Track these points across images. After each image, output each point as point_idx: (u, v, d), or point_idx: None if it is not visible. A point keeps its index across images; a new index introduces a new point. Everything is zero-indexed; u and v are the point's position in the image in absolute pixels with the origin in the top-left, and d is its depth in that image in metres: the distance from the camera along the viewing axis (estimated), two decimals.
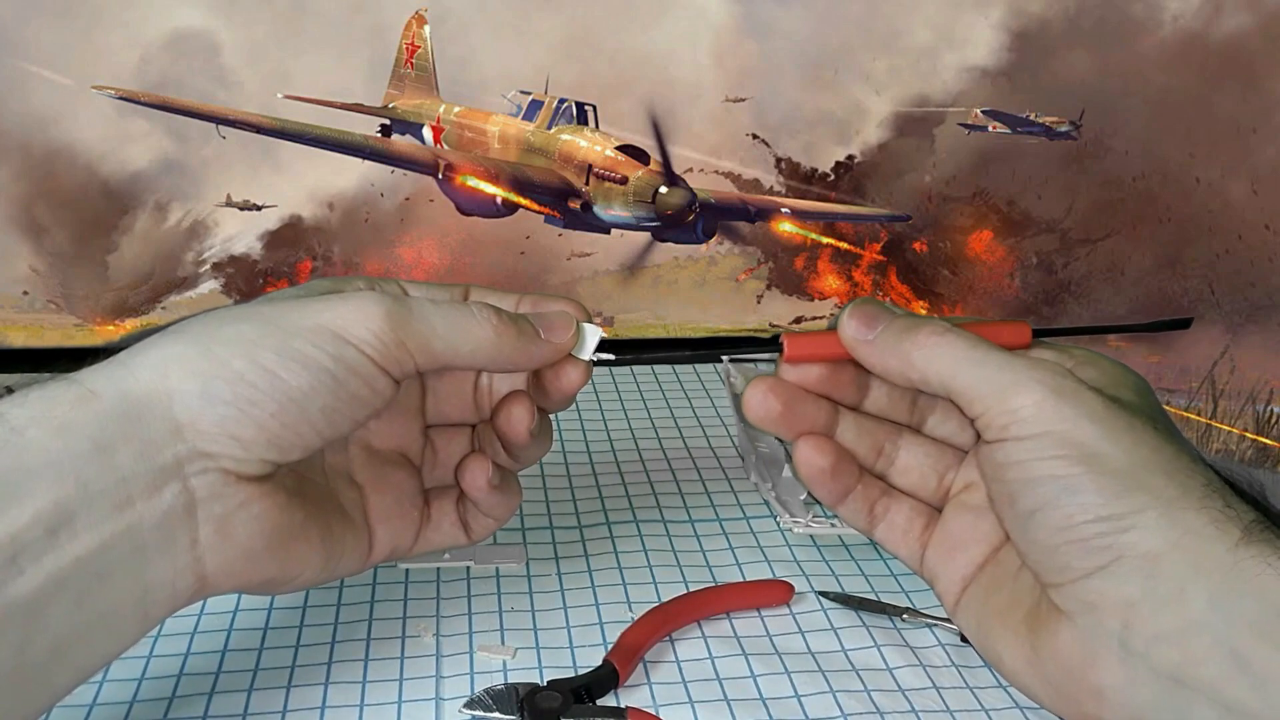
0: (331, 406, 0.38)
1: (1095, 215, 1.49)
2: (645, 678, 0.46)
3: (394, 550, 0.45)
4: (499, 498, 0.46)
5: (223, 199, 1.40)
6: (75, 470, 0.34)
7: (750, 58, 1.42)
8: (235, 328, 0.38)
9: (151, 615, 0.37)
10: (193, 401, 0.36)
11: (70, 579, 0.34)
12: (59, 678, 0.35)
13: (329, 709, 0.44)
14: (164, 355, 0.37)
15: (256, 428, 0.37)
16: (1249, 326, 1.51)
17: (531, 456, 0.47)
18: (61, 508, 0.34)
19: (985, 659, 0.40)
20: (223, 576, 0.38)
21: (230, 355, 0.37)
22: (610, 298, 1.47)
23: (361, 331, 0.38)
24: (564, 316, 0.43)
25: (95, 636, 0.35)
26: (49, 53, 1.32)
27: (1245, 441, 1.53)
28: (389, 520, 0.44)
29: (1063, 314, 1.52)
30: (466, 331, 0.40)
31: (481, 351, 0.41)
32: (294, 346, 0.37)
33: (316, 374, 0.38)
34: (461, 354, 0.41)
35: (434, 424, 0.47)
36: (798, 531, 0.58)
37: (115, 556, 0.35)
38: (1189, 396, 1.53)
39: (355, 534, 0.43)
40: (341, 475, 0.43)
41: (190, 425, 0.36)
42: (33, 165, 1.36)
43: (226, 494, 0.37)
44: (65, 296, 1.41)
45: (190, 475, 0.36)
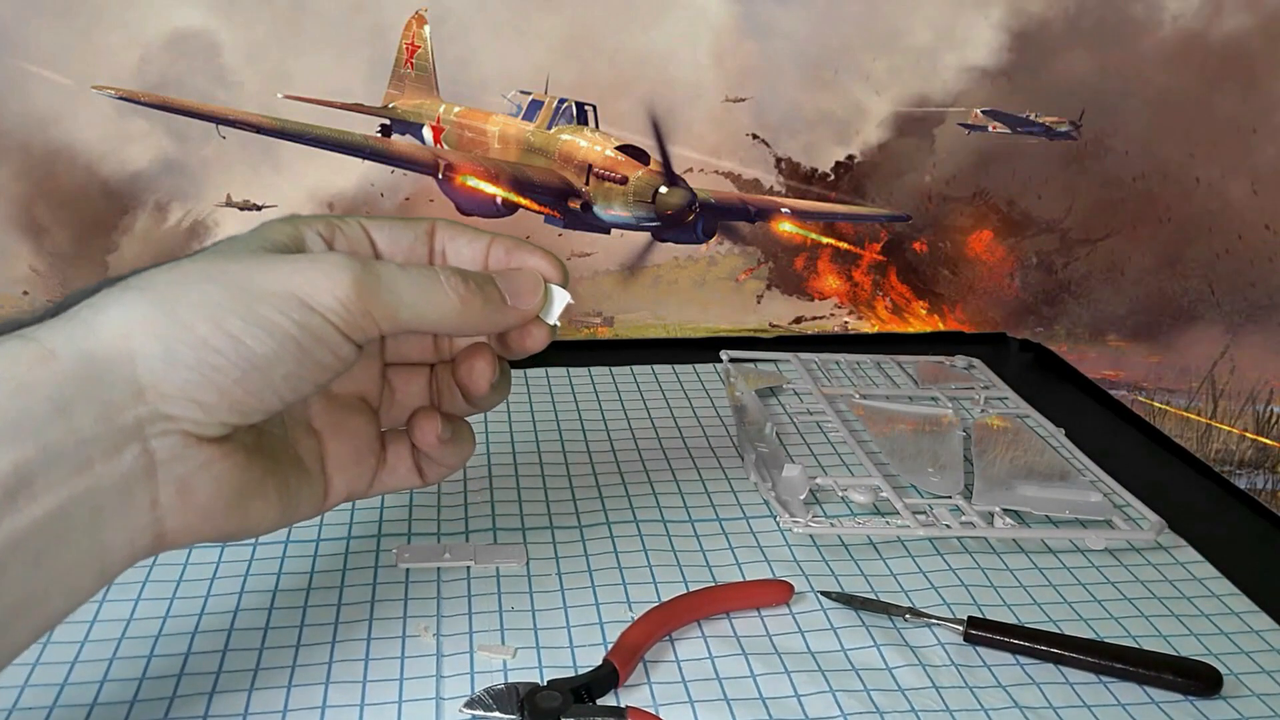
0: (294, 373, 0.38)
1: (1095, 215, 1.49)
2: (645, 677, 0.46)
3: (349, 495, 0.45)
4: (451, 449, 0.46)
5: (223, 199, 1.40)
6: (34, 432, 0.34)
7: (750, 58, 1.42)
8: (200, 289, 0.37)
9: (109, 573, 0.37)
10: (156, 364, 0.36)
11: (28, 541, 0.34)
12: (18, 635, 0.35)
13: (329, 709, 0.44)
14: (126, 315, 0.36)
15: (219, 393, 0.37)
16: (1249, 326, 1.51)
17: (490, 403, 0.47)
18: (20, 470, 0.33)
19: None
20: (181, 534, 0.38)
21: (195, 319, 0.36)
22: (610, 298, 1.46)
23: (328, 299, 0.38)
24: (532, 280, 0.44)
25: (52, 595, 0.35)
26: (49, 53, 1.32)
27: (1245, 441, 1.52)
28: (345, 468, 0.44)
29: (1063, 314, 1.52)
30: (433, 300, 0.40)
31: (447, 320, 0.41)
32: (260, 313, 0.37)
33: (281, 341, 0.37)
34: (427, 321, 0.41)
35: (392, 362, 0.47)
36: (798, 531, 0.58)
37: (74, 518, 0.35)
38: (1189, 396, 1.52)
39: (311, 484, 0.43)
40: (300, 423, 0.44)
41: (152, 387, 0.36)
42: (33, 165, 1.35)
43: (187, 455, 0.37)
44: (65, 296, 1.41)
45: (151, 437, 0.36)
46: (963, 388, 0.79)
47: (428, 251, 0.45)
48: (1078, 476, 0.66)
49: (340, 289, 0.38)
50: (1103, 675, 0.49)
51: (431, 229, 0.45)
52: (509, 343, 0.45)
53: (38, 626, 0.36)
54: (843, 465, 0.67)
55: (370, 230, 0.44)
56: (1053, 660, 0.49)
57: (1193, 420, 1.53)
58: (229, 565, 0.54)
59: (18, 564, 0.34)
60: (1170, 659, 0.50)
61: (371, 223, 0.44)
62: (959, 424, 0.71)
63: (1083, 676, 0.48)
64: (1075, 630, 0.52)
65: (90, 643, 0.48)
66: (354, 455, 0.45)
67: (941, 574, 0.56)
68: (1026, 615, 0.53)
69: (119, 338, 0.36)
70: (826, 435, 0.71)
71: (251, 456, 0.39)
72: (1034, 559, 0.58)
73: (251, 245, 0.40)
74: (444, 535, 0.57)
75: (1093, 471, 0.67)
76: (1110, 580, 0.56)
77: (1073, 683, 0.48)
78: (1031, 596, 0.54)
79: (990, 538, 0.59)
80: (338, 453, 0.44)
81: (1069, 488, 0.64)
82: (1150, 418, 1.41)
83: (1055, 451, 0.69)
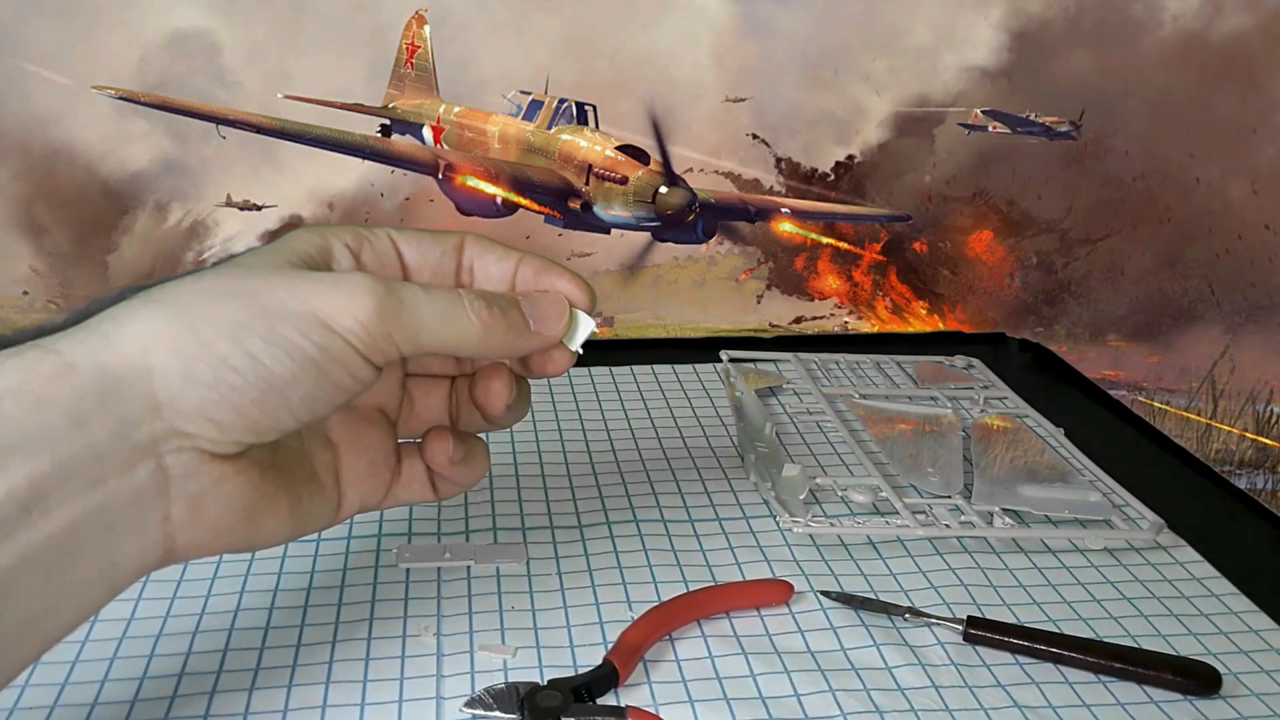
0: (312, 394, 0.38)
1: (1095, 215, 1.49)
2: (645, 677, 0.46)
3: (362, 508, 0.45)
4: (463, 469, 0.45)
5: (223, 199, 1.40)
6: (51, 446, 0.34)
7: (750, 58, 1.42)
8: (222, 307, 0.37)
9: (117, 587, 0.37)
10: (174, 381, 0.36)
11: (40, 555, 0.34)
12: (27, 649, 0.35)
13: (329, 708, 0.44)
14: (146, 330, 0.36)
15: (235, 412, 0.36)
16: (1249, 326, 1.51)
17: (507, 422, 0.46)
18: (35, 484, 0.33)
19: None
20: (190, 549, 0.38)
21: (215, 337, 0.36)
22: (610, 298, 1.46)
23: (349, 322, 0.38)
24: (558, 305, 0.43)
25: (63, 609, 0.35)
26: (49, 53, 1.32)
27: (1245, 441, 1.52)
28: (360, 482, 0.44)
29: (1063, 314, 1.52)
30: (456, 324, 0.40)
31: (469, 344, 0.41)
32: (280, 333, 0.37)
33: (301, 363, 0.37)
34: (449, 345, 0.41)
35: (413, 373, 0.47)
36: (797, 531, 0.58)
37: (86, 533, 0.35)
38: (1189, 396, 1.52)
39: (325, 498, 0.43)
40: (317, 435, 0.43)
41: (169, 404, 0.36)
42: (33, 165, 1.35)
43: (200, 473, 0.37)
44: (65, 296, 1.41)
45: (165, 454, 0.36)
46: (962, 388, 0.79)
47: (455, 267, 0.44)
48: (1077, 476, 0.66)
49: (362, 311, 0.38)
50: (1102, 675, 0.49)
51: (460, 244, 0.45)
52: (529, 365, 0.45)
53: (46, 640, 0.36)
54: (842, 465, 0.67)
55: (399, 243, 0.43)
56: (1052, 660, 0.49)
57: (1193, 420, 1.53)
58: (230, 565, 0.54)
59: (29, 578, 0.34)
60: (1169, 658, 0.50)
61: (400, 235, 0.44)
62: (958, 424, 0.71)
63: (1082, 676, 0.49)
64: (1074, 630, 0.52)
65: (91, 642, 0.48)
66: (369, 469, 0.44)
67: (941, 574, 0.56)
68: (1026, 615, 0.53)
69: (138, 353, 0.36)
70: (826, 435, 0.71)
71: (265, 473, 0.39)
72: (1033, 559, 0.58)
73: (277, 258, 0.39)
74: (444, 535, 0.57)
75: (1092, 471, 0.67)
76: (1109, 580, 0.56)
77: (1072, 682, 0.48)
78: (1031, 596, 0.55)
79: (990, 538, 0.59)
80: (353, 466, 0.44)
81: (1068, 488, 0.64)
82: (1150, 418, 1.41)
83: (1054, 451, 0.69)
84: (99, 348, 0.36)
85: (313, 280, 0.38)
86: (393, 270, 0.43)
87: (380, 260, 0.43)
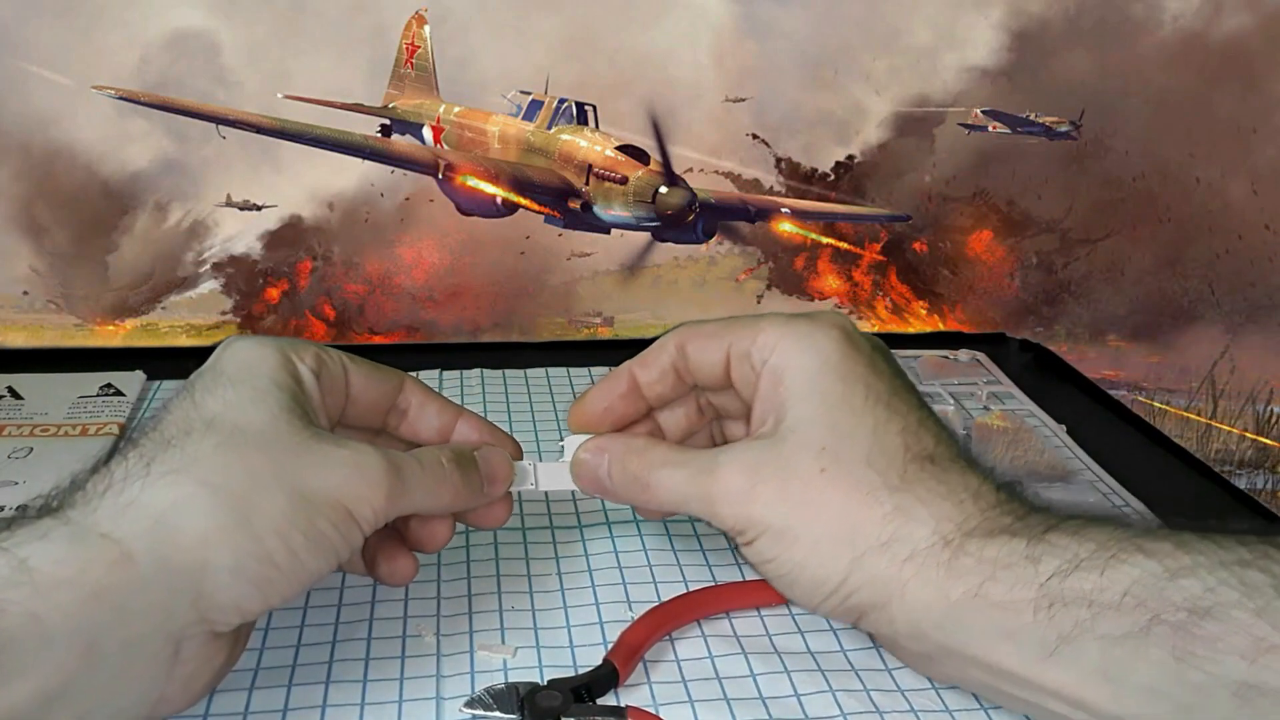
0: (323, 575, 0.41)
1: (1095, 215, 1.49)
2: (645, 677, 0.46)
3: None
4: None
5: (223, 199, 1.40)
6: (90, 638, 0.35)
7: (750, 58, 1.42)
8: (271, 499, 0.39)
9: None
10: (222, 577, 0.38)
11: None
12: None
13: (329, 708, 0.44)
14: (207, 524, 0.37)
15: (264, 604, 0.39)
16: (1249, 326, 1.51)
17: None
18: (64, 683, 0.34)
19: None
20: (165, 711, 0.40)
21: (266, 533, 0.38)
22: (610, 298, 1.46)
23: (366, 511, 0.41)
24: (505, 464, 0.48)
25: None
26: (49, 53, 1.32)
27: (1245, 441, 1.53)
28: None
29: (1063, 314, 1.52)
30: (438, 493, 0.45)
31: (439, 507, 0.46)
32: (318, 528, 0.40)
33: (328, 556, 0.40)
34: (424, 509, 0.45)
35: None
36: None
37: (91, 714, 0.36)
38: (1189, 396, 1.52)
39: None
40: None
41: (209, 596, 0.37)
42: (33, 165, 1.35)
43: (203, 653, 0.39)
44: (65, 296, 1.41)
45: (184, 639, 0.38)
46: (966, 382, 0.79)
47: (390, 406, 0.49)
48: (1077, 476, 0.66)
49: (377, 499, 0.41)
50: None
51: (401, 385, 0.49)
52: (466, 516, 0.49)
53: None
54: None
55: (349, 372, 0.47)
56: None
57: (1193, 420, 1.53)
58: None
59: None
60: None
61: (352, 365, 0.47)
62: (959, 423, 0.71)
63: None
64: None
65: None
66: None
67: None
68: None
69: (199, 545, 0.37)
70: None
71: (241, 634, 0.42)
72: None
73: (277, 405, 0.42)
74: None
75: (1093, 471, 0.67)
76: None
77: None
78: None
79: None
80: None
81: (1069, 488, 0.64)
82: (1150, 418, 1.41)
83: (1055, 451, 0.69)
84: (161, 539, 0.37)
85: (333, 460, 0.41)
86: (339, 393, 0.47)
87: (333, 384, 0.46)
